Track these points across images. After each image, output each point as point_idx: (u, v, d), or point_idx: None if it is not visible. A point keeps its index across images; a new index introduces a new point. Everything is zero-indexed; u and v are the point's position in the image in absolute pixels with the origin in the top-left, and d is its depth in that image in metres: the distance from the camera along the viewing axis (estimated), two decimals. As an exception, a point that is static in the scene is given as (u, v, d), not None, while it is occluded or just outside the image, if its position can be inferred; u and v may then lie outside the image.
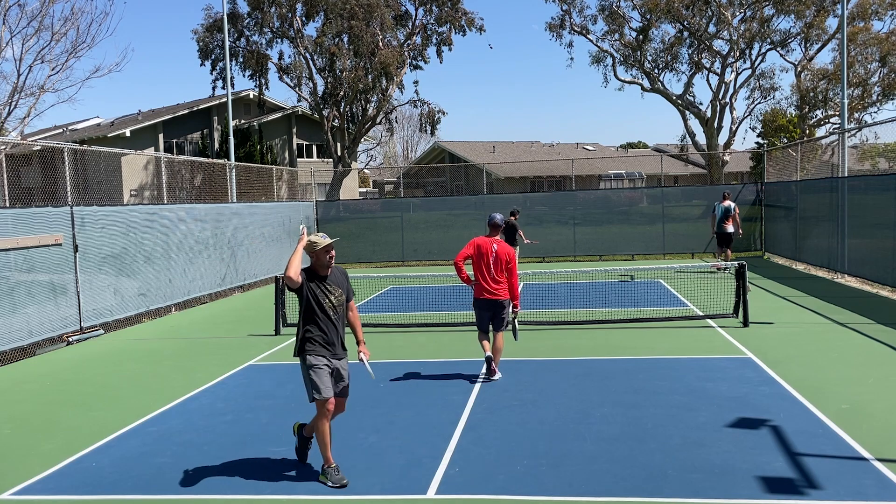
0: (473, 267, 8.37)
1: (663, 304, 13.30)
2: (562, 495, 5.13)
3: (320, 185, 31.60)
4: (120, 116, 38.95)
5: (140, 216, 13.98)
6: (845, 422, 6.45)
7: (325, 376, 5.50)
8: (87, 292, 12.15)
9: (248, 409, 7.57)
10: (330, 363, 5.57)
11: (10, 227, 10.55)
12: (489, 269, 8.22)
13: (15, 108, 22.87)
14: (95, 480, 5.76)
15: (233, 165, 19.68)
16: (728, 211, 18.09)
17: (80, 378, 9.41)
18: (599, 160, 46.03)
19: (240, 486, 5.52)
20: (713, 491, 5.12)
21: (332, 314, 5.58)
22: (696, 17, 30.99)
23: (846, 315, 11.71)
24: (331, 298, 5.57)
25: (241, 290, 17.86)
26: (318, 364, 5.52)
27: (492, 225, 8.38)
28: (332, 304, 5.58)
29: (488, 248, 8.23)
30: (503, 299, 8.25)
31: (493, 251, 8.20)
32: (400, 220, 23.98)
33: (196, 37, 30.69)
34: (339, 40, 30.01)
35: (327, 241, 5.55)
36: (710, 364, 8.80)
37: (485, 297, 8.27)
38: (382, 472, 5.68)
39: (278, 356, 10.23)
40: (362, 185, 52.29)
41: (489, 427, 6.70)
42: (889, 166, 35.72)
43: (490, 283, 8.23)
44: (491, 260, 8.19)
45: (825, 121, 33.92)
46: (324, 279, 5.58)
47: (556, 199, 24.90)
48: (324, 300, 5.54)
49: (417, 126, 41.08)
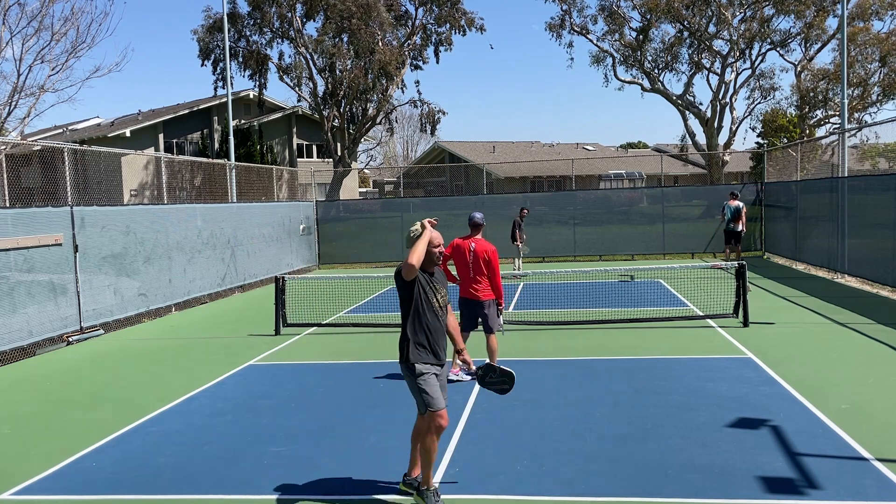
0: (455, 267, 8.35)
1: (663, 304, 13.30)
2: (562, 495, 5.13)
3: (320, 185, 31.61)
4: (120, 116, 38.97)
5: (140, 216, 13.98)
6: (845, 422, 6.45)
7: (437, 386, 5.02)
8: (87, 292, 12.15)
9: (248, 409, 7.57)
10: (438, 372, 5.08)
11: (10, 227, 10.55)
12: (468, 269, 8.17)
13: (15, 108, 22.91)
14: (95, 480, 5.76)
15: (233, 165, 19.68)
16: (738, 210, 19.10)
17: (80, 378, 9.41)
18: (599, 160, 46.03)
19: (240, 486, 5.52)
20: (713, 491, 5.11)
21: (440, 315, 5.10)
22: (696, 17, 30.98)
23: (846, 315, 11.71)
24: (438, 298, 5.10)
25: (241, 290, 17.86)
26: (430, 372, 5.00)
27: (471, 224, 8.31)
28: (440, 305, 5.11)
29: (466, 247, 8.19)
30: (484, 300, 8.13)
31: (471, 251, 8.15)
32: (400, 220, 23.97)
33: (196, 37, 30.70)
34: (338, 40, 30.02)
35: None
36: (710, 364, 8.80)
37: (463, 295, 8.26)
38: (383, 472, 5.68)
39: (278, 356, 10.24)
40: (362, 185, 52.29)
41: (489, 427, 6.70)
42: (889, 166, 35.72)
43: (469, 283, 8.18)
44: (469, 260, 8.15)
45: (825, 121, 33.91)
46: (431, 276, 5.12)
47: (556, 199, 24.91)
48: (433, 298, 5.05)
49: (417, 126, 41.08)
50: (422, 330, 5.01)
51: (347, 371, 9.11)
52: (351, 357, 9.97)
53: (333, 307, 14.28)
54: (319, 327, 12.16)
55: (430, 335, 5.03)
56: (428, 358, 5.01)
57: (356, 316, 13.53)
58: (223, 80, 30.60)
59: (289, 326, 11.97)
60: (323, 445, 6.35)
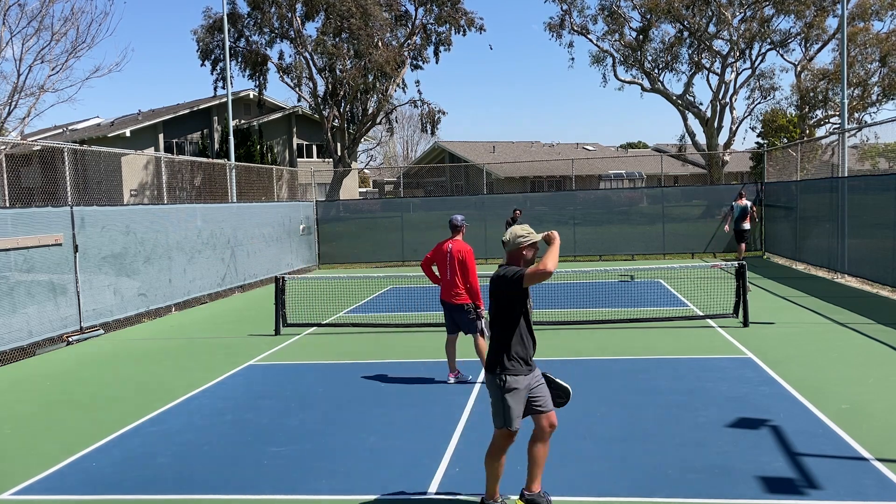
0: (438, 270, 8.30)
1: (663, 304, 13.29)
2: (562, 495, 5.12)
3: (320, 185, 31.60)
4: (120, 116, 38.97)
5: (140, 216, 13.98)
6: (845, 422, 6.45)
7: (522, 403, 4.75)
8: (86, 292, 12.15)
9: (248, 409, 7.57)
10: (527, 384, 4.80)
11: (10, 227, 10.55)
12: (445, 271, 8.14)
13: (15, 108, 22.91)
14: (95, 480, 5.75)
15: (233, 165, 19.68)
16: (745, 209, 19.54)
17: (80, 378, 9.41)
18: (599, 160, 46.03)
19: (240, 486, 5.52)
20: (713, 491, 5.11)
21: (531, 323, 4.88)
22: (696, 17, 30.98)
23: (846, 315, 11.71)
24: (529, 304, 4.88)
25: (241, 290, 17.86)
26: (519, 388, 4.72)
27: (450, 226, 8.28)
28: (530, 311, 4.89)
29: (444, 249, 8.17)
30: (459, 303, 8.05)
31: (449, 252, 8.11)
32: (400, 220, 23.97)
33: (196, 37, 30.71)
34: (338, 40, 30.02)
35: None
36: (710, 364, 8.80)
37: (442, 297, 8.22)
38: (383, 472, 5.68)
39: (278, 356, 10.24)
40: (362, 185, 52.29)
41: (489, 427, 6.67)
42: (889, 166, 35.71)
43: (448, 286, 8.13)
44: (447, 261, 8.12)
45: (825, 121, 33.91)
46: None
47: (556, 199, 24.91)
48: (529, 306, 4.83)
49: (417, 126, 41.12)
50: (521, 341, 4.78)
51: (347, 371, 9.11)
52: (351, 357, 9.97)
53: (333, 307, 14.28)
54: (319, 327, 12.16)
55: (527, 346, 4.82)
56: (521, 370, 4.75)
57: (356, 316, 13.53)
58: (223, 80, 30.61)
59: (289, 326, 11.97)
60: (323, 445, 6.35)
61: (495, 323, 4.84)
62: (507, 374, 4.71)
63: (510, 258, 4.90)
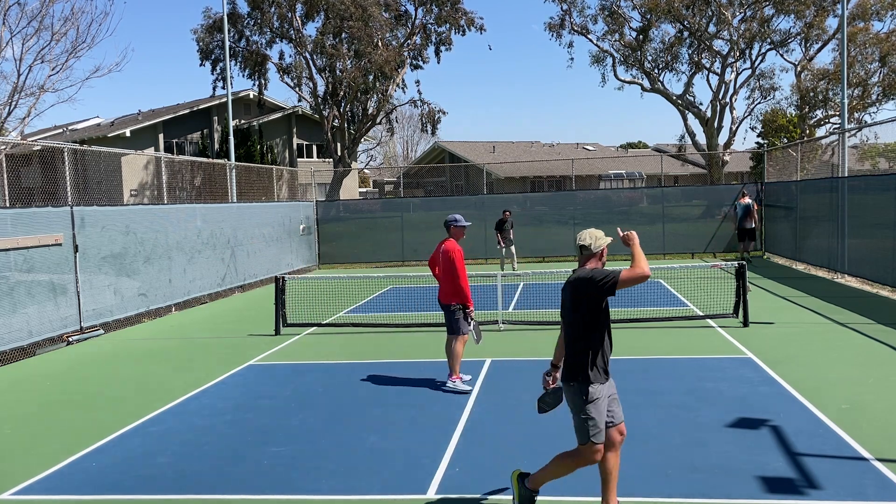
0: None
1: (663, 304, 13.30)
2: (562, 495, 5.13)
3: (320, 185, 31.61)
4: (120, 116, 38.98)
5: (140, 216, 13.98)
6: (845, 422, 6.45)
7: (604, 414, 4.53)
8: (87, 292, 12.15)
9: (248, 409, 7.57)
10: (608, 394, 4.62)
11: (10, 227, 10.55)
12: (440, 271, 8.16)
13: (15, 108, 22.91)
14: (95, 480, 5.75)
15: (233, 165, 19.68)
16: (748, 208, 19.93)
17: (80, 378, 9.41)
18: (599, 160, 46.03)
19: (240, 486, 5.52)
20: (713, 491, 5.11)
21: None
22: (696, 17, 30.98)
23: (846, 315, 11.71)
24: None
25: (241, 290, 17.86)
26: (602, 398, 4.50)
27: (444, 226, 8.29)
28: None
29: (438, 249, 8.20)
30: (446, 303, 8.03)
31: (441, 251, 8.13)
32: (400, 220, 23.97)
33: (196, 37, 30.71)
34: (337, 41, 30.02)
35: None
36: (710, 364, 8.80)
37: (438, 296, 8.23)
38: (383, 472, 5.68)
39: (278, 356, 10.24)
40: (362, 185, 52.30)
41: (489, 427, 6.70)
42: (889, 166, 35.72)
43: (441, 286, 8.14)
44: (439, 261, 8.13)
45: (825, 121, 33.91)
46: None
47: (556, 199, 24.90)
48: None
49: (417, 126, 41.11)
50: (601, 348, 4.53)
51: (347, 371, 9.11)
52: (351, 357, 9.97)
53: (333, 307, 14.29)
54: (319, 327, 12.16)
55: (605, 351, 4.58)
56: (602, 379, 4.52)
57: (356, 316, 13.53)
58: (223, 80, 30.61)
59: (289, 326, 11.97)
60: (323, 445, 6.35)
61: (573, 329, 4.57)
62: (590, 384, 4.47)
63: (587, 260, 4.71)
